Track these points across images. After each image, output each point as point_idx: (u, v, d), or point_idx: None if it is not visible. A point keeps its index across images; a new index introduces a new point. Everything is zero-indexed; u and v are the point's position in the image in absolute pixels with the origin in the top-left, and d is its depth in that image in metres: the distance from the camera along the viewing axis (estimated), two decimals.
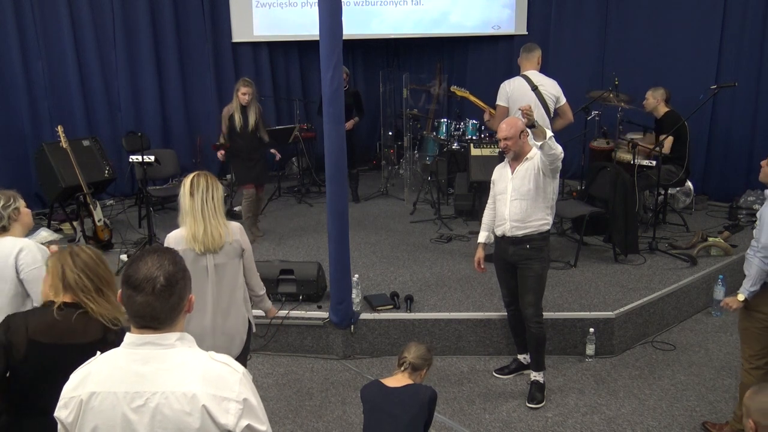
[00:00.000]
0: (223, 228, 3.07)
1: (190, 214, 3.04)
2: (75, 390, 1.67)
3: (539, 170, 3.81)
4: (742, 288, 3.37)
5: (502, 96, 5.22)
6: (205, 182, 3.05)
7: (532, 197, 3.84)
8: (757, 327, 3.39)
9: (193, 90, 8.27)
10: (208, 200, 3.03)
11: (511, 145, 3.82)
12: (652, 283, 5.05)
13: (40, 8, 7.13)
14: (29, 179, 7.22)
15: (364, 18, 8.52)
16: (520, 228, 3.88)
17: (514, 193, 3.88)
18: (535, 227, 3.88)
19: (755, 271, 3.29)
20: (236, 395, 1.64)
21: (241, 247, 3.19)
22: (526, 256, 3.91)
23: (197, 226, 3.03)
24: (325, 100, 4.13)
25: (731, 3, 6.84)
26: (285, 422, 3.88)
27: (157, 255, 1.68)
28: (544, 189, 3.85)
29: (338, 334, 4.60)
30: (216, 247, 3.05)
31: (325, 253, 4.65)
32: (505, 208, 3.92)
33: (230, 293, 3.15)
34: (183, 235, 3.06)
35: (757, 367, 3.41)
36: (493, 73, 8.23)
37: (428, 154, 7.65)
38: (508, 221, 3.90)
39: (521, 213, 3.87)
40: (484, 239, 4.16)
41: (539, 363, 4.04)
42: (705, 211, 6.92)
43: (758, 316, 3.38)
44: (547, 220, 3.92)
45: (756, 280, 3.31)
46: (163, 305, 1.64)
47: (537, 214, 3.87)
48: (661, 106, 6.14)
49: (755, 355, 3.42)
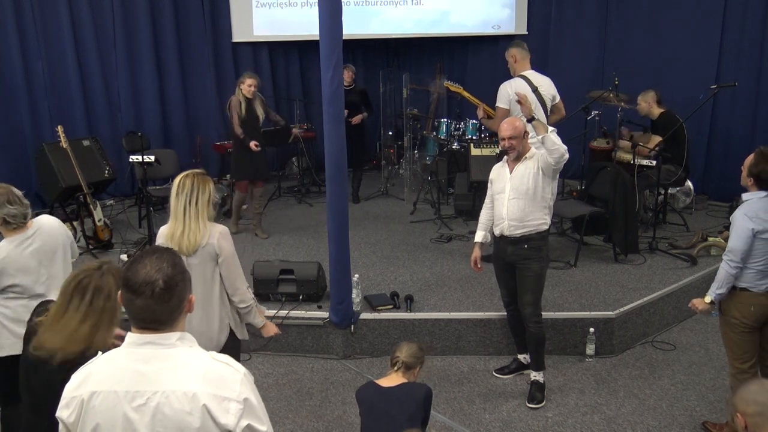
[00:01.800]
0: (200, 233, 3.04)
1: (173, 215, 3.06)
2: (76, 390, 1.68)
3: (539, 170, 3.80)
4: (710, 290, 3.41)
5: (503, 97, 5.18)
6: (191, 184, 3.03)
7: (530, 197, 3.84)
8: (734, 332, 3.41)
9: (193, 90, 8.27)
10: (191, 202, 3.01)
11: (515, 144, 3.81)
12: (652, 283, 5.05)
13: (40, 8, 7.13)
14: (29, 179, 7.22)
15: (364, 18, 8.52)
16: (518, 228, 3.87)
17: (512, 193, 3.87)
18: (533, 227, 3.87)
19: (722, 274, 3.34)
20: (237, 395, 1.64)
21: (216, 252, 3.10)
22: (525, 255, 3.90)
23: (176, 227, 3.04)
24: (325, 100, 4.12)
25: (731, 3, 6.84)
26: (285, 422, 3.88)
27: (156, 257, 1.67)
28: (543, 189, 3.85)
29: (338, 334, 4.60)
30: (189, 251, 3.03)
31: (325, 253, 4.65)
32: (504, 208, 3.91)
33: (202, 296, 3.08)
34: (167, 230, 3.11)
35: (741, 371, 3.42)
36: (493, 73, 8.22)
37: (428, 154, 7.66)
38: (506, 220, 3.90)
39: (519, 212, 3.86)
40: (481, 239, 4.14)
41: (539, 363, 4.04)
42: (705, 211, 6.92)
43: (732, 321, 3.40)
44: (545, 220, 3.92)
45: (722, 282, 3.34)
46: (163, 308, 1.64)
47: (535, 213, 3.86)
48: (655, 108, 6.15)
49: (738, 359, 3.44)
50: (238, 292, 3.21)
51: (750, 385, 2.21)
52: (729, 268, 3.30)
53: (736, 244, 3.27)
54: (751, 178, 3.33)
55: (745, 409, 2.14)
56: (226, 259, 3.13)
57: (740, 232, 3.27)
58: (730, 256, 3.29)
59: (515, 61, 5.28)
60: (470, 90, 6.17)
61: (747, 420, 2.13)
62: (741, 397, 2.18)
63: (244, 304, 3.23)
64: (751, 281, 3.30)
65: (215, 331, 3.18)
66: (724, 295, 3.38)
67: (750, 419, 2.13)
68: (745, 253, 3.26)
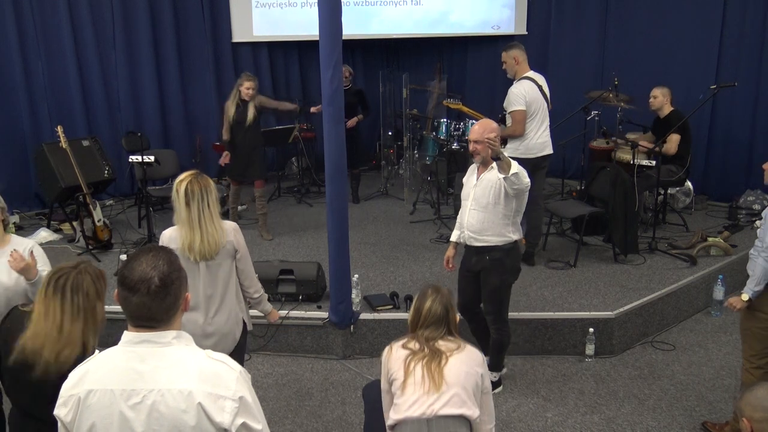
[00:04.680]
0: (219, 234, 3.03)
1: (186, 224, 2.99)
2: (73, 388, 1.68)
3: (502, 185, 3.62)
4: (746, 288, 3.36)
5: (519, 100, 5.05)
6: (199, 189, 2.97)
7: (490, 211, 3.68)
8: (759, 327, 3.39)
9: (193, 90, 8.27)
10: (205, 209, 2.98)
11: (480, 149, 3.65)
12: (652, 283, 5.05)
13: (39, 8, 7.12)
14: (29, 179, 7.22)
15: (364, 18, 8.52)
16: (476, 240, 3.77)
17: (473, 203, 3.75)
18: (491, 242, 3.73)
19: (760, 271, 3.28)
20: (232, 393, 1.64)
21: (234, 248, 3.14)
22: (486, 266, 3.80)
23: (194, 236, 2.98)
24: (324, 100, 4.13)
25: (731, 3, 6.84)
26: (284, 422, 3.88)
27: (152, 255, 1.68)
28: (505, 206, 3.66)
29: (338, 334, 4.59)
30: (212, 255, 3.02)
31: (325, 253, 4.65)
32: (464, 216, 3.82)
33: (222, 292, 3.12)
34: (177, 235, 3.03)
35: (758, 367, 3.41)
36: (492, 74, 8.23)
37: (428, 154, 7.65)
38: (466, 230, 3.81)
39: (478, 225, 3.73)
40: (456, 238, 4.01)
41: (496, 364, 4.06)
42: (705, 211, 6.92)
43: (761, 316, 3.37)
44: (507, 237, 3.73)
45: (760, 279, 3.29)
46: (159, 306, 1.64)
47: (494, 229, 3.71)
48: (667, 106, 6.15)
49: (756, 354, 3.41)
50: (254, 282, 3.29)
51: (757, 390, 2.18)
52: (767, 263, 3.26)
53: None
54: None
55: (752, 414, 2.12)
56: (244, 253, 3.19)
57: None
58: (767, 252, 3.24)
59: (517, 62, 5.21)
60: (470, 91, 6.18)
61: (753, 425, 2.12)
62: (748, 402, 2.16)
63: (258, 293, 3.33)
64: None
65: (235, 328, 3.21)
66: (761, 292, 3.32)
67: (757, 425, 2.11)
68: None
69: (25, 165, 7.17)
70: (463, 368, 2.53)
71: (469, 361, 2.56)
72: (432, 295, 2.67)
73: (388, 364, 2.63)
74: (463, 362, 2.55)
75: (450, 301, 2.70)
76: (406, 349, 2.59)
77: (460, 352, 2.57)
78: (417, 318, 2.67)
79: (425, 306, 2.65)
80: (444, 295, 2.69)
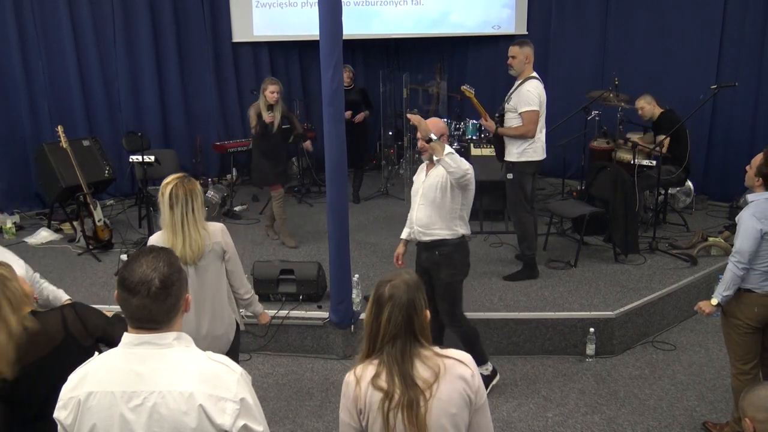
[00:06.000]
0: (203, 237, 3.00)
1: (169, 227, 2.96)
2: (73, 390, 1.68)
3: (448, 180, 3.65)
4: (716, 292, 3.38)
5: (534, 100, 4.95)
6: (184, 193, 2.93)
7: (437, 205, 3.72)
8: (736, 333, 3.40)
9: (193, 90, 8.28)
10: (189, 213, 2.94)
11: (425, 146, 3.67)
12: (652, 283, 5.05)
13: (40, 8, 7.12)
14: (29, 179, 7.22)
15: (364, 18, 8.52)
16: (425, 234, 3.80)
17: (422, 199, 3.80)
18: (438, 236, 3.76)
19: (729, 276, 3.30)
20: (233, 395, 1.64)
21: (223, 249, 3.11)
22: (435, 261, 3.82)
23: (176, 240, 2.95)
24: (325, 100, 4.12)
25: (731, 3, 6.84)
26: (285, 422, 3.88)
27: (152, 256, 1.67)
28: (452, 200, 3.70)
29: (338, 334, 4.59)
30: (195, 259, 3.00)
31: (325, 253, 4.65)
32: (413, 212, 3.86)
33: (213, 295, 3.10)
34: (162, 239, 2.99)
35: (743, 372, 3.41)
36: (493, 73, 8.24)
37: None
38: (415, 225, 3.85)
39: (426, 219, 3.77)
40: (406, 235, 4.05)
41: (477, 357, 3.99)
42: (705, 211, 6.92)
43: (735, 322, 3.38)
44: (454, 231, 3.76)
45: (729, 284, 3.31)
46: (159, 307, 1.64)
47: (441, 223, 3.74)
48: (657, 109, 6.18)
49: (740, 359, 3.42)
50: (243, 283, 3.28)
51: (760, 390, 2.17)
52: (736, 269, 3.26)
53: (744, 245, 3.23)
54: (760, 178, 3.29)
55: (755, 415, 2.11)
56: (232, 254, 3.17)
57: (748, 232, 3.22)
58: (738, 257, 3.25)
59: (527, 61, 5.06)
60: None
61: (756, 426, 2.11)
62: (751, 403, 2.15)
63: (248, 294, 3.31)
64: (756, 282, 3.28)
65: (228, 330, 3.19)
66: (731, 297, 3.34)
67: (760, 425, 2.10)
68: (752, 254, 3.22)
69: (26, 165, 7.18)
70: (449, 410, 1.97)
71: (452, 392, 1.97)
72: (389, 302, 1.99)
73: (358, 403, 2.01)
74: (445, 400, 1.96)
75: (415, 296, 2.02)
76: (378, 390, 1.97)
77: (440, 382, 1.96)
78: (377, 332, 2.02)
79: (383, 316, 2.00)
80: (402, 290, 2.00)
